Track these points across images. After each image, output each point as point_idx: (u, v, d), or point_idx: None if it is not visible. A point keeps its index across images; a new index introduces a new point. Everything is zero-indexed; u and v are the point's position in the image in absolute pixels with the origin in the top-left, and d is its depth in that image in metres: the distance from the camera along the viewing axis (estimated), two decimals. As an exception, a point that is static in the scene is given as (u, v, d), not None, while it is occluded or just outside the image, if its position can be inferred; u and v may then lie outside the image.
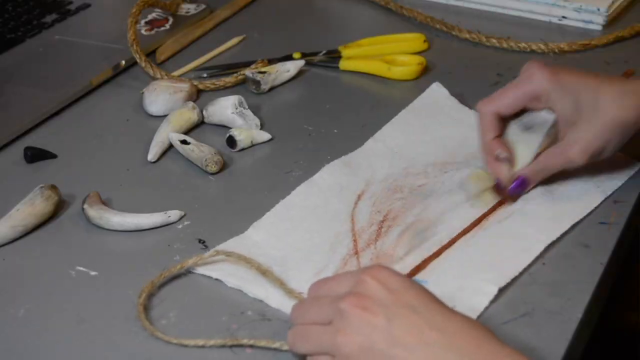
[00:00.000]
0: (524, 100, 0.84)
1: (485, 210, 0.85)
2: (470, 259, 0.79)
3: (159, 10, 1.23)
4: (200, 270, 0.80)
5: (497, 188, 0.86)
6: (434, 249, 0.81)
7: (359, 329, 0.65)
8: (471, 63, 1.13)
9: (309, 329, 0.68)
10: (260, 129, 1.00)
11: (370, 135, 0.97)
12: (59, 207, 0.88)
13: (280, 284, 0.77)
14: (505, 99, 0.85)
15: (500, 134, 0.86)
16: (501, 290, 0.76)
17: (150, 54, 1.15)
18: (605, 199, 0.86)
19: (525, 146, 0.85)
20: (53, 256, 0.83)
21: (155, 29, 1.20)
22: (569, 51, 1.14)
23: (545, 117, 0.84)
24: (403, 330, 0.64)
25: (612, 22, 1.20)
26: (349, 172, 0.91)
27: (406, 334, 0.64)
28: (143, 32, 1.19)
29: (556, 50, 1.14)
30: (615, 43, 1.16)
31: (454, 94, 1.03)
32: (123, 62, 1.12)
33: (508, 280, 0.77)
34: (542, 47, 1.14)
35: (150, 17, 1.22)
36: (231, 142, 0.97)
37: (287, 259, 0.81)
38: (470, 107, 1.01)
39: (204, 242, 0.84)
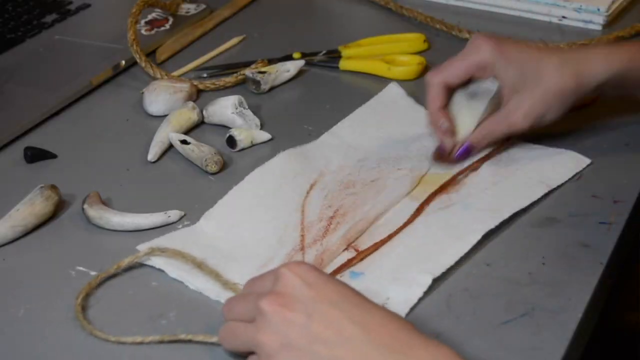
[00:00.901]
0: (471, 70, 0.90)
1: (422, 200, 0.86)
2: (407, 250, 0.80)
3: (159, 10, 1.23)
4: (145, 260, 0.80)
5: (440, 153, 0.91)
6: (371, 243, 0.81)
7: (278, 327, 0.65)
8: (471, 63, 1.13)
9: (236, 326, 0.69)
10: (260, 129, 1.00)
11: (370, 135, 0.97)
12: (59, 207, 0.88)
13: (216, 276, 0.77)
14: (453, 70, 0.90)
15: (446, 104, 0.91)
16: (501, 291, 0.76)
17: (150, 54, 1.15)
18: (551, 192, 0.87)
19: (469, 114, 0.91)
20: (53, 256, 0.83)
21: (155, 29, 1.20)
22: (569, 51, 1.14)
23: (488, 86, 0.91)
24: (323, 326, 0.64)
25: (612, 22, 1.20)
26: (304, 160, 0.92)
27: (326, 329, 0.64)
28: (143, 32, 1.19)
29: (556, 50, 1.14)
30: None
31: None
32: (123, 62, 1.12)
33: (443, 269, 0.77)
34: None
35: (150, 17, 1.23)
36: (231, 142, 0.97)
37: (233, 252, 0.81)
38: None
39: (204, 242, 0.84)
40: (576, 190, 0.88)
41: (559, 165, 0.90)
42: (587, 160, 0.91)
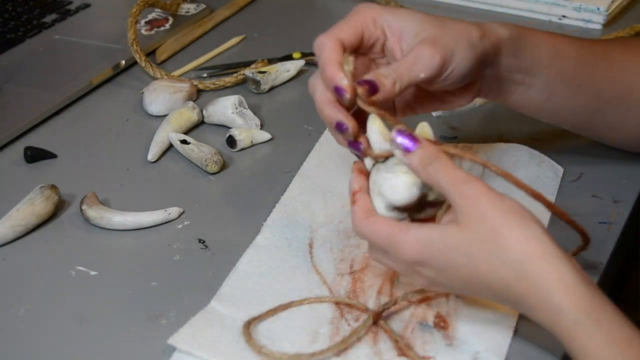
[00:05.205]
0: (360, 23, 0.78)
1: None
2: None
3: (159, 10, 1.23)
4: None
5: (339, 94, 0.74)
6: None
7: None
8: (471, 63, 1.13)
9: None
10: (260, 129, 1.00)
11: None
12: (59, 207, 0.88)
13: None
14: (341, 26, 0.78)
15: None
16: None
17: (150, 54, 1.15)
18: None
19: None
20: (53, 256, 0.83)
21: (155, 29, 1.20)
22: (569, 51, 1.14)
23: None
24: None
25: (611, 21, 1.21)
26: (289, 223, 0.85)
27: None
28: (143, 32, 1.19)
29: (556, 50, 1.14)
30: (615, 43, 1.16)
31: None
32: (123, 62, 1.12)
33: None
34: (542, 46, 1.14)
35: (150, 17, 1.23)
36: (231, 142, 0.97)
37: (270, 330, 0.73)
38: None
39: (203, 242, 0.84)
40: (576, 190, 0.88)
41: (543, 180, 0.87)
42: (561, 169, 0.90)
